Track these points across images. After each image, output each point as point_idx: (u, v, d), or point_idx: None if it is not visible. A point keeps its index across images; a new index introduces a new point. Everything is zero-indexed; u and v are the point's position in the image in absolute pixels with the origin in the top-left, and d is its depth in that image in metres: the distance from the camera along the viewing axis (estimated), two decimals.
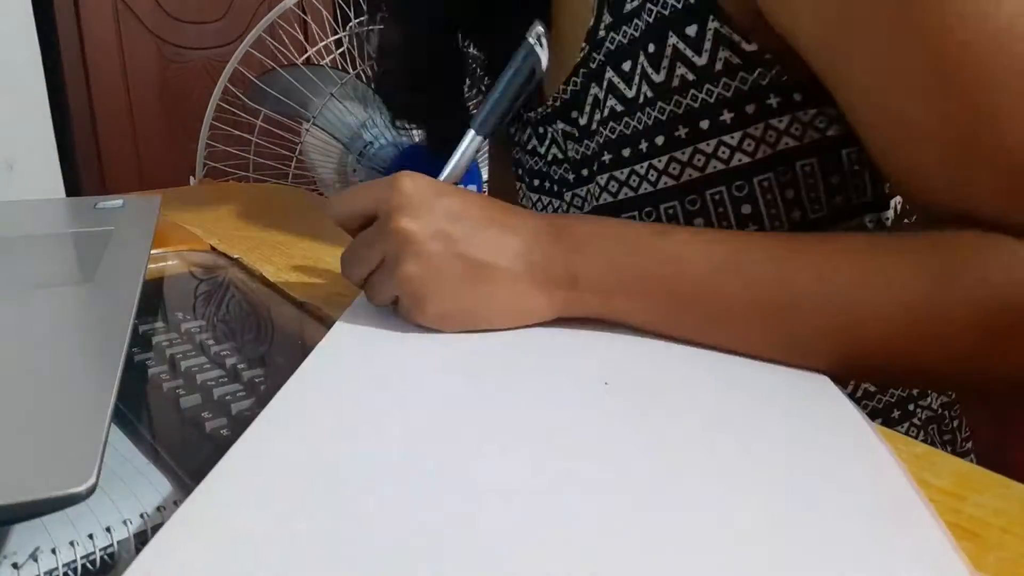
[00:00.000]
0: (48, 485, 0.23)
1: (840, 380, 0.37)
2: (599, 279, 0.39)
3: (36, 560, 0.25)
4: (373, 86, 0.66)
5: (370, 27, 1.10)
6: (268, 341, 0.46)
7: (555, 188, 0.59)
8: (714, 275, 0.37)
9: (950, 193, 0.37)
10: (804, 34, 0.39)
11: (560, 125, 0.56)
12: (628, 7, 0.47)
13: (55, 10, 1.86)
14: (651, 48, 0.46)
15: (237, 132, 1.17)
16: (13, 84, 1.64)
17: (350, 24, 1.14)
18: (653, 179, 0.48)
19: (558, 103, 0.55)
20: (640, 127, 0.48)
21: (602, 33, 0.49)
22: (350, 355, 0.38)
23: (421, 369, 0.37)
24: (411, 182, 0.40)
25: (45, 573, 0.25)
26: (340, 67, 1.11)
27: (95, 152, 1.98)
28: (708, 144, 0.46)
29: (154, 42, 2.01)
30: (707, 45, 0.44)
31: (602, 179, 0.51)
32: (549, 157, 0.59)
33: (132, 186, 1.95)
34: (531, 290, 0.39)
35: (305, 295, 0.52)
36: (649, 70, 0.46)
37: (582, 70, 0.52)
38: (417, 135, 0.99)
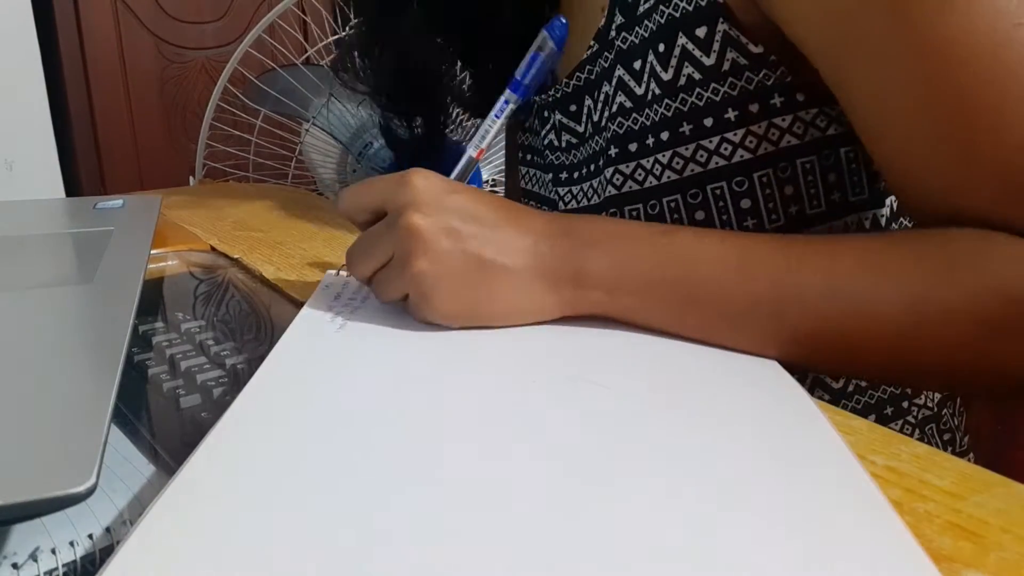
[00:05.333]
0: (48, 485, 0.23)
1: (834, 376, 0.36)
2: (607, 276, 0.39)
3: (36, 560, 0.25)
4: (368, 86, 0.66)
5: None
6: (268, 341, 0.46)
7: (544, 163, 0.62)
8: (722, 272, 0.38)
9: (946, 195, 0.37)
10: (810, 40, 0.41)
11: (558, 116, 0.58)
12: (641, 8, 0.48)
13: (55, 10, 1.86)
14: (661, 47, 0.47)
15: (237, 132, 1.17)
16: (13, 84, 1.64)
17: (350, 24, 1.14)
18: (657, 173, 0.49)
19: (559, 95, 0.57)
20: (647, 123, 0.49)
21: (613, 33, 0.50)
22: (317, 346, 0.39)
23: (395, 358, 0.37)
24: (423, 179, 0.40)
25: (45, 573, 0.25)
26: None
27: (95, 152, 1.98)
28: (711, 141, 0.47)
29: (154, 42, 2.01)
30: (715, 46, 0.45)
31: (608, 172, 0.52)
32: (546, 142, 0.61)
33: (132, 186, 1.95)
34: (539, 288, 0.40)
35: (305, 295, 0.52)
36: (658, 68, 0.47)
37: (588, 66, 0.53)
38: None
